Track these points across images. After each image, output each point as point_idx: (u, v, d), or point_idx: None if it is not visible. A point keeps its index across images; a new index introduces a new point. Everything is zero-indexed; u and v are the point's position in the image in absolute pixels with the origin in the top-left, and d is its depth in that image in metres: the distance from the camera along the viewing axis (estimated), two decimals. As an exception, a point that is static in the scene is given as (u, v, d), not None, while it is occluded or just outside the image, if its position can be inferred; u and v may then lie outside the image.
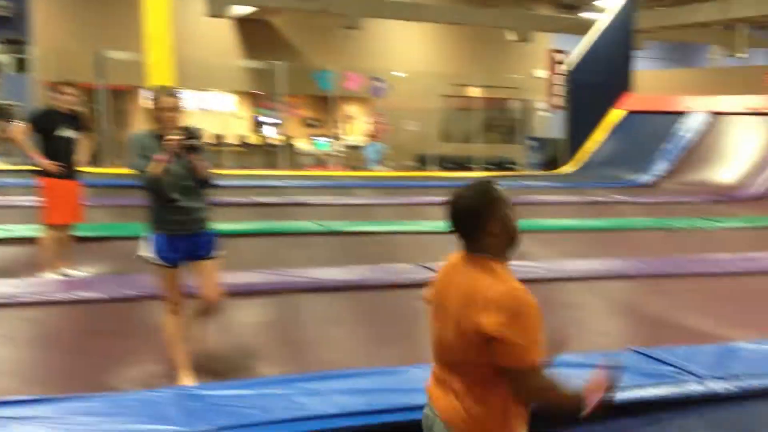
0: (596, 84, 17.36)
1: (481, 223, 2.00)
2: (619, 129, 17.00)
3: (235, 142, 19.43)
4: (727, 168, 14.09)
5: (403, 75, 19.54)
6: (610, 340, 5.03)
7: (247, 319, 5.40)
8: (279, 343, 4.90)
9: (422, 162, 19.93)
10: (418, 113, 19.95)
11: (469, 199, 2.03)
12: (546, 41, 21.39)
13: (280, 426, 3.24)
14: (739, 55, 21.09)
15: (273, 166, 18.46)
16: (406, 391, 3.65)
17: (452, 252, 2.21)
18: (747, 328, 5.12)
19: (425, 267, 6.75)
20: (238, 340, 4.90)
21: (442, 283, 2.08)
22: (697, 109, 15.55)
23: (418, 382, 3.78)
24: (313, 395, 3.55)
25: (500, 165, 19.64)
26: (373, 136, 18.88)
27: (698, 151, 14.95)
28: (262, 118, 20.05)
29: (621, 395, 3.69)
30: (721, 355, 4.32)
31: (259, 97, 19.86)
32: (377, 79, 19.08)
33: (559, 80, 18.67)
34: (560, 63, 18.89)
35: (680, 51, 26.63)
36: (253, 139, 19.86)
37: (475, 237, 2.00)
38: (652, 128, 16.09)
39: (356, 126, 20.68)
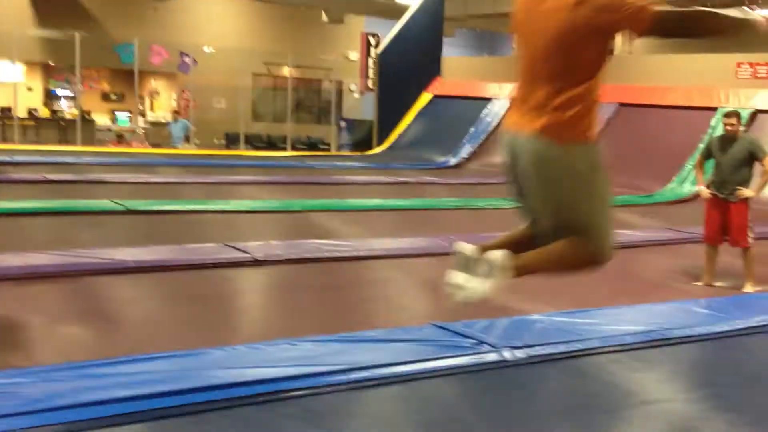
0: (407, 68, 17.71)
1: None
2: (427, 112, 17.48)
3: (24, 115, 17.95)
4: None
5: (213, 51, 18.93)
6: (415, 316, 5.10)
7: (36, 303, 4.94)
8: (74, 328, 4.52)
9: (231, 141, 19.46)
10: (228, 91, 19.43)
11: None
12: (360, 24, 21.54)
13: (65, 412, 3.02)
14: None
15: (68, 142, 17.28)
16: (207, 372, 3.54)
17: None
18: (540, 301, 5.37)
19: (232, 247, 6.55)
20: (25, 327, 4.46)
21: (528, 12, 2.48)
22: (501, 96, 16.29)
23: (220, 363, 3.70)
24: (105, 379, 3.36)
25: (312, 145, 19.60)
26: (180, 113, 18.14)
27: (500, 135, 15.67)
28: (55, 91, 18.64)
29: (422, 366, 3.85)
30: (515, 327, 4.53)
31: (53, 68, 18.47)
32: (185, 54, 18.33)
33: (372, 63, 18.88)
34: (373, 46, 19.10)
35: (487, 39, 27.81)
36: (44, 112, 18.43)
37: None
38: (459, 112, 16.67)
39: (161, 102, 19.79)
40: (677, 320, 4.86)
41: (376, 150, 17.52)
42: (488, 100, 16.48)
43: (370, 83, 19.09)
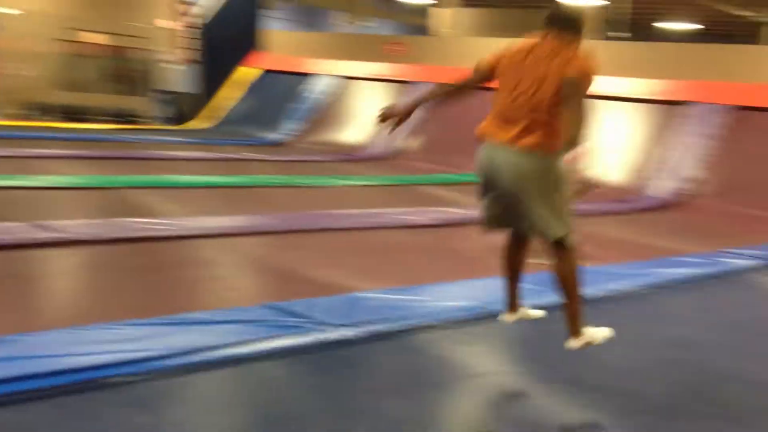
0: (228, 40, 17.25)
1: (578, 26, 3.19)
2: (253, 87, 17.13)
3: None
4: (353, 129, 14.98)
5: (15, 12, 17.42)
6: (245, 296, 4.97)
7: None
8: None
9: (36, 110, 18.04)
10: (30, 57, 17.97)
11: (576, 12, 3.27)
12: (176, -9, 20.63)
13: None
14: (363, 23, 22.48)
15: None
16: (19, 360, 3.29)
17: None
18: (370, 278, 5.40)
19: (41, 226, 6.05)
20: None
21: (521, 55, 3.19)
22: (328, 72, 16.25)
23: (34, 350, 3.41)
24: None
25: (126, 117, 18.60)
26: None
27: (328, 112, 15.66)
28: None
29: (253, 348, 3.76)
30: (348, 305, 4.54)
31: None
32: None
33: (189, 33, 18.20)
34: (188, 15, 18.41)
35: (311, 15, 27.64)
36: None
37: (571, 31, 3.16)
38: (286, 88, 16.47)
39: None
40: (500, 295, 5.04)
41: (199, 124, 16.96)
42: (316, 76, 16.40)
43: (187, 54, 18.40)
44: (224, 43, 17.24)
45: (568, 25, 3.22)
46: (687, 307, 5.45)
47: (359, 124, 14.97)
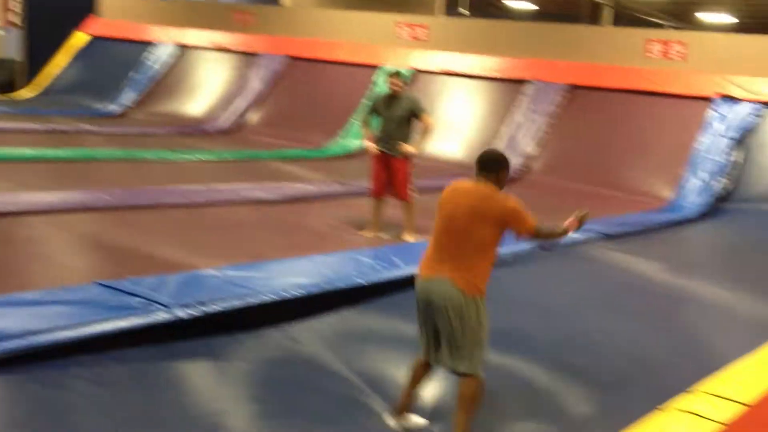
0: (57, 3, 16.11)
1: (501, 168, 3.43)
2: (84, 54, 16.11)
3: None
4: (196, 101, 14.41)
5: None
6: (77, 275, 4.67)
7: None
8: None
9: None
10: None
11: (499, 155, 3.51)
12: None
13: None
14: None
15: None
16: None
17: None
18: (212, 256, 5.23)
19: None
20: None
21: (452, 197, 3.40)
22: (167, 40, 15.53)
23: None
24: None
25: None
26: None
27: (167, 82, 14.96)
28: None
29: (87, 330, 3.53)
30: (187, 283, 4.36)
31: None
32: None
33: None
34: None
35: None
36: None
37: (494, 174, 3.39)
38: (120, 56, 15.59)
39: None
40: (346, 269, 5.03)
41: (24, 94, 15.80)
42: (152, 44, 15.64)
43: (13, 17, 17.06)
44: (55, 7, 16.07)
45: (489, 168, 3.42)
46: (525, 281, 5.59)
47: (203, 95, 14.47)
